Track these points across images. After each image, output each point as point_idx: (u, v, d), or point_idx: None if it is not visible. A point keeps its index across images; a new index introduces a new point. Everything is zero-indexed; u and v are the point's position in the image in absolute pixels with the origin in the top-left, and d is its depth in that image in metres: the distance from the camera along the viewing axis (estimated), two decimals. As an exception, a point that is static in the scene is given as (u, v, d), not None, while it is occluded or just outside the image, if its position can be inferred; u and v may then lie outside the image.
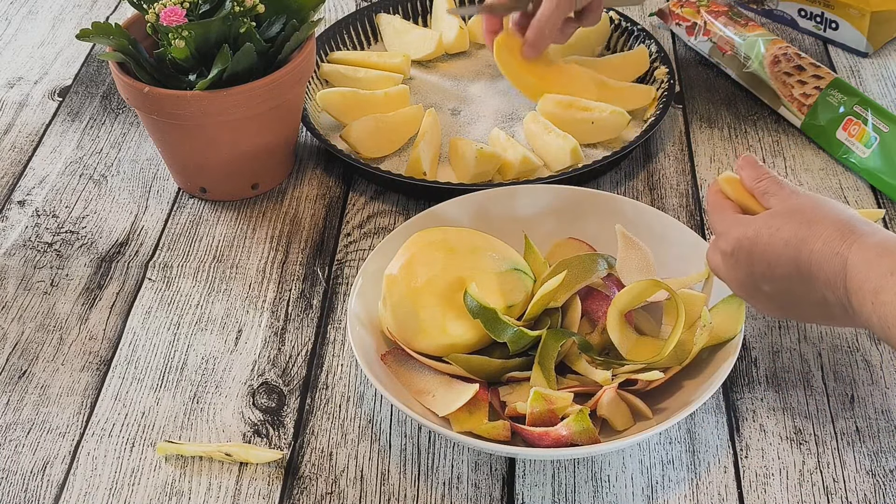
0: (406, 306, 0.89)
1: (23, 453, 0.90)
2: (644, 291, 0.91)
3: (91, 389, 0.95)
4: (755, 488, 0.85)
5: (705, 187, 1.13)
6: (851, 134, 1.13)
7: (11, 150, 1.23)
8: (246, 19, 1.05)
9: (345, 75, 1.26)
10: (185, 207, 1.14)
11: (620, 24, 1.31)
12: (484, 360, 0.89)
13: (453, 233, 0.94)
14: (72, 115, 1.28)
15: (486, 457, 0.88)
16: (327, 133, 1.20)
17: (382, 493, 0.86)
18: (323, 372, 0.96)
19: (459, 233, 0.94)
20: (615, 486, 0.86)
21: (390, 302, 0.91)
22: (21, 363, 0.98)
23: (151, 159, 1.20)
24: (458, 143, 1.14)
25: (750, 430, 0.89)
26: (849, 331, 0.97)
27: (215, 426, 0.92)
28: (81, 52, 1.39)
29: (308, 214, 1.12)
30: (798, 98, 1.18)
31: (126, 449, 0.90)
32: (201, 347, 0.99)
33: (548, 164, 1.15)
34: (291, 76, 1.08)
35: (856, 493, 0.84)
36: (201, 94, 1.04)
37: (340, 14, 1.42)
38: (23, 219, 1.13)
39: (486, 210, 1.03)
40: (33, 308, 1.03)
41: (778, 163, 1.16)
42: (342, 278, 1.05)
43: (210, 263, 1.07)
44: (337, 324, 1.00)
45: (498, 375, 0.90)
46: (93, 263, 1.08)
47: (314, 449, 0.89)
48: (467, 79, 1.30)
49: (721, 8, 1.31)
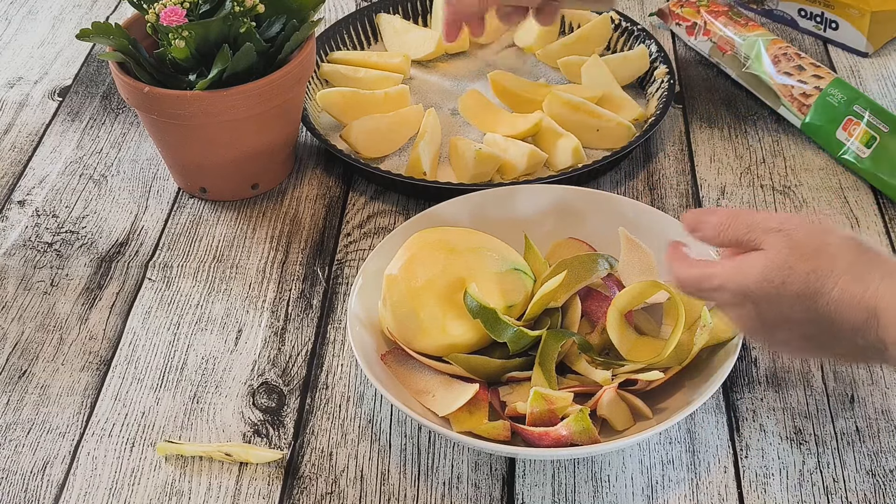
0: (406, 306, 0.89)
1: (23, 453, 0.90)
2: (644, 292, 0.91)
3: (91, 389, 0.95)
4: (755, 488, 0.85)
5: (705, 187, 1.13)
6: (851, 134, 1.13)
7: (11, 150, 1.23)
8: (246, 19, 1.05)
9: (345, 75, 1.26)
10: (185, 207, 1.14)
11: (620, 24, 1.31)
12: (484, 360, 0.89)
13: (453, 233, 0.94)
14: (72, 115, 1.28)
15: (486, 457, 0.88)
16: (327, 133, 1.20)
17: (382, 493, 0.86)
18: (323, 372, 0.96)
19: (459, 233, 0.94)
20: (615, 486, 0.86)
21: (390, 302, 0.91)
22: (21, 363, 0.98)
23: (151, 159, 1.20)
24: (458, 143, 1.14)
25: (750, 430, 0.89)
26: (849, 331, 0.97)
27: (215, 426, 0.92)
28: (81, 52, 1.39)
29: (308, 214, 1.12)
30: (798, 98, 1.18)
31: (126, 449, 0.90)
32: (201, 347, 0.99)
33: (549, 164, 1.15)
34: (291, 76, 1.08)
35: (856, 493, 0.84)
36: (201, 94, 1.04)
37: (340, 14, 1.42)
38: (23, 219, 1.13)
39: (486, 210, 1.03)
40: (33, 308, 1.03)
41: (778, 163, 1.16)
42: (342, 278, 1.05)
43: (210, 263, 1.07)
44: (337, 324, 1.00)
45: (498, 375, 0.90)
46: (93, 263, 1.08)
47: (314, 449, 0.89)
48: (467, 79, 1.30)
49: (721, 8, 1.31)
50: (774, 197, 1.12)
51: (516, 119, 1.20)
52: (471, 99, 1.23)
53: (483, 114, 1.22)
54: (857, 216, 1.09)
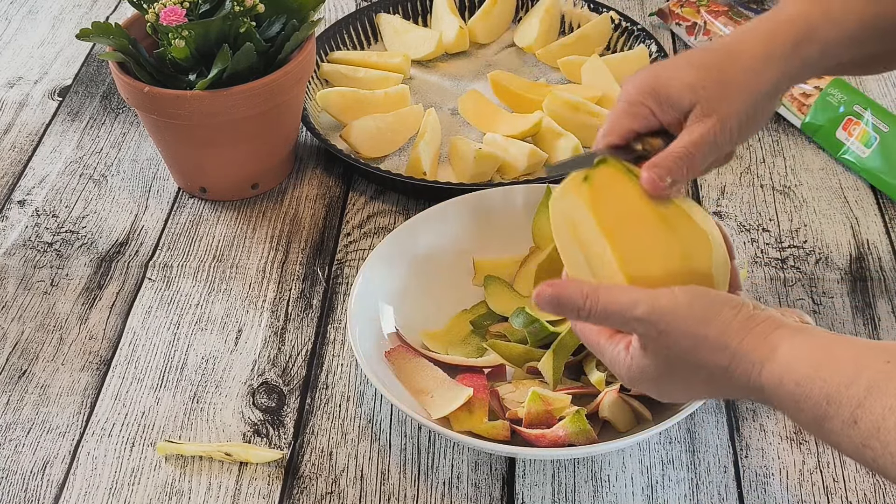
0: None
1: (23, 453, 0.90)
2: None
3: (91, 389, 0.95)
4: (755, 488, 0.85)
5: (705, 187, 1.13)
6: (851, 134, 1.13)
7: (11, 149, 1.23)
8: (246, 19, 1.05)
9: (345, 75, 1.26)
10: (185, 207, 1.14)
11: (620, 24, 1.31)
12: (506, 346, 0.91)
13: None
14: (72, 114, 1.28)
15: (486, 457, 0.88)
16: (327, 133, 1.20)
17: (382, 493, 0.86)
18: (323, 372, 0.96)
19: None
20: (615, 486, 0.86)
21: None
22: (21, 363, 0.98)
23: (151, 159, 1.20)
24: (458, 143, 1.14)
25: (750, 430, 0.89)
26: (849, 329, 0.97)
27: (215, 426, 0.92)
28: (81, 52, 1.39)
29: (308, 214, 1.12)
30: (798, 98, 1.18)
31: (126, 449, 0.90)
32: (201, 347, 0.99)
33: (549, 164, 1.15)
34: (291, 76, 1.08)
35: (856, 493, 0.84)
36: (201, 94, 1.04)
37: (340, 14, 1.42)
38: (23, 219, 1.13)
39: (487, 210, 1.03)
40: (33, 308, 1.03)
41: (778, 163, 1.16)
42: (342, 278, 1.05)
43: (210, 263, 1.07)
44: (337, 324, 1.00)
45: (520, 362, 0.91)
46: (93, 263, 1.08)
47: (314, 449, 0.89)
48: (467, 79, 1.30)
49: (721, 8, 1.31)
50: (774, 197, 1.12)
51: (516, 119, 1.20)
52: (471, 99, 1.23)
53: (483, 114, 1.22)
54: (857, 216, 1.09)
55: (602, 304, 0.70)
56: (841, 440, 0.63)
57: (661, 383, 0.72)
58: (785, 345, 0.66)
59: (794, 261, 1.04)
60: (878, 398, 0.61)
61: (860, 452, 0.62)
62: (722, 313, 0.68)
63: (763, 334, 0.67)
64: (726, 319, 0.68)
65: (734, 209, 1.10)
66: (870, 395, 0.61)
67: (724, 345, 0.68)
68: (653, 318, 0.68)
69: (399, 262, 0.99)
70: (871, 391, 0.61)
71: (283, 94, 1.08)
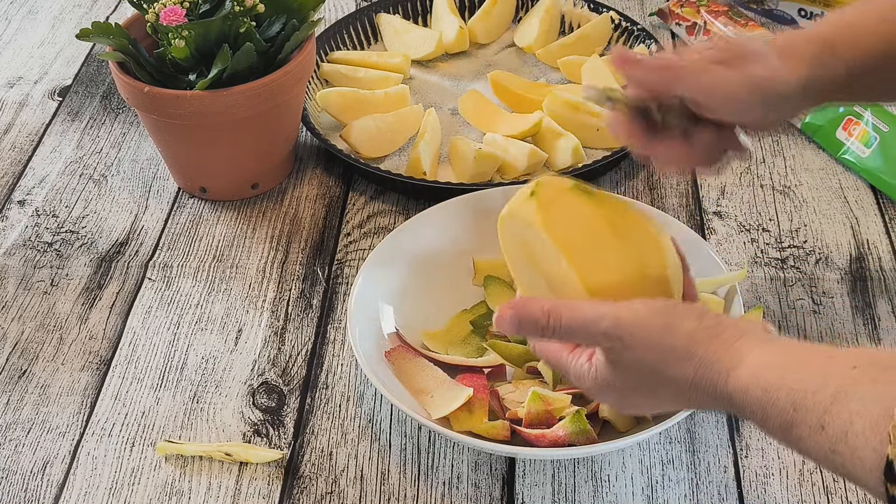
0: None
1: (23, 453, 0.90)
2: None
3: (91, 389, 0.95)
4: (755, 488, 0.85)
5: (705, 187, 1.13)
6: (851, 134, 1.13)
7: (11, 149, 1.23)
8: (246, 19, 1.05)
9: (345, 75, 1.26)
10: (185, 207, 1.14)
11: (620, 24, 1.31)
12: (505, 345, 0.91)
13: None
14: (72, 114, 1.28)
15: (486, 457, 0.88)
16: (327, 133, 1.20)
17: (382, 493, 0.86)
18: (323, 372, 0.96)
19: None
20: (615, 486, 0.86)
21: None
22: (21, 363, 0.98)
23: (151, 159, 1.20)
24: (458, 143, 1.14)
25: (750, 430, 0.89)
26: (849, 329, 0.97)
27: (215, 426, 0.92)
28: (81, 52, 1.39)
29: (308, 214, 1.12)
30: (798, 98, 1.18)
31: (126, 449, 0.90)
32: (201, 347, 0.99)
33: (549, 163, 1.15)
34: (291, 76, 1.08)
35: (856, 493, 0.84)
36: (201, 94, 1.04)
37: (340, 14, 1.42)
38: (23, 218, 1.13)
39: (486, 210, 1.02)
40: (33, 308, 1.03)
41: (778, 163, 1.16)
42: (342, 278, 1.05)
43: (210, 263, 1.07)
44: (337, 323, 1.00)
45: (520, 362, 0.91)
46: (93, 263, 1.08)
47: (314, 449, 0.89)
48: (467, 79, 1.30)
49: (721, 8, 1.31)
50: (774, 197, 1.12)
51: (516, 119, 1.20)
52: (471, 99, 1.23)
53: (483, 114, 1.22)
54: (857, 216, 1.09)
55: (566, 321, 0.70)
56: (809, 447, 0.63)
57: (627, 395, 0.72)
58: (752, 352, 0.66)
59: (794, 261, 1.04)
60: (845, 403, 0.60)
61: (828, 458, 0.62)
62: (686, 322, 0.68)
63: (728, 342, 0.67)
64: (691, 328, 0.68)
65: (734, 209, 1.11)
66: (836, 400, 0.61)
67: (691, 353, 0.67)
68: (618, 331, 0.68)
69: (399, 262, 0.99)
70: (837, 397, 0.61)
71: (283, 94, 1.08)
